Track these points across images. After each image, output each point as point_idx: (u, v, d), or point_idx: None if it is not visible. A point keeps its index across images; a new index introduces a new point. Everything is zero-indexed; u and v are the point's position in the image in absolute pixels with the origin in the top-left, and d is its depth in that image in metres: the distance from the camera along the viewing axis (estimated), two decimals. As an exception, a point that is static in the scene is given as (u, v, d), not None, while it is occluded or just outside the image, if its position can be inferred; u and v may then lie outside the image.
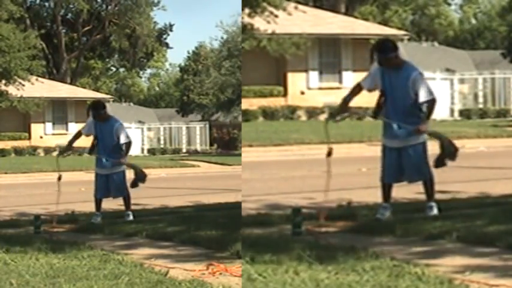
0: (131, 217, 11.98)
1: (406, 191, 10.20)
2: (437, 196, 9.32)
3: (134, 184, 12.09)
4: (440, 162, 8.95)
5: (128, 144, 12.25)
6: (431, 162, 8.96)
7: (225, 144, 49.59)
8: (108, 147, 12.14)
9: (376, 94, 9.30)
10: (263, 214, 9.89)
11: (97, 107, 12.33)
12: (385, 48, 8.91)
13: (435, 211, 9.01)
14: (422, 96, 8.82)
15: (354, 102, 9.50)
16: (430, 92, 8.86)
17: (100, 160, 12.26)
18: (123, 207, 12.49)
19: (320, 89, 35.90)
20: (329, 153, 9.22)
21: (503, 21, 57.23)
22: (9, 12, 38.50)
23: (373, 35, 38.24)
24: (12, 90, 38.58)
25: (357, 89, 9.35)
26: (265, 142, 25.13)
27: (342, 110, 9.31)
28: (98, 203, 12.25)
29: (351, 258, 6.37)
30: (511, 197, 10.65)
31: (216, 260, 7.30)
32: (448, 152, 8.90)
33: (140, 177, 12.08)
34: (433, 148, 9.15)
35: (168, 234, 9.41)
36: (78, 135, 12.75)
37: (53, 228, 11.23)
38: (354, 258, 6.38)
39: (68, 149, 12.85)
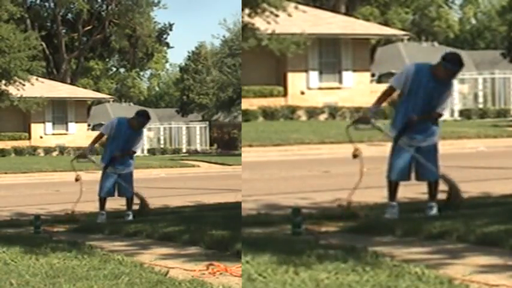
0: (131, 217, 11.99)
1: (406, 191, 10.19)
2: (438, 196, 9.32)
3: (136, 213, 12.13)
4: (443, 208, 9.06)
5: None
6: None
7: (225, 144, 49.59)
8: (124, 150, 12.18)
9: (376, 96, 9.30)
10: (263, 214, 9.89)
11: (144, 115, 12.19)
12: (456, 62, 8.84)
13: (435, 211, 9.03)
14: (443, 109, 8.97)
15: (355, 101, 9.54)
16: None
17: (107, 159, 12.26)
18: (123, 207, 12.50)
19: (320, 89, 35.89)
20: (355, 156, 9.20)
21: (503, 21, 57.20)
22: (10, 13, 38.50)
23: (373, 35, 38.27)
24: (12, 90, 38.60)
25: (389, 92, 9.23)
26: (265, 142, 25.12)
27: (366, 119, 9.23)
28: (103, 202, 12.26)
29: (351, 258, 6.37)
30: (511, 197, 10.65)
31: (216, 260, 7.30)
32: (454, 202, 9.01)
33: (142, 211, 12.09)
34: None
35: (168, 234, 9.41)
36: (99, 137, 12.69)
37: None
38: (354, 258, 6.38)
39: (85, 155, 12.76)
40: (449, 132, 26.07)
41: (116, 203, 12.58)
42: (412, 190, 9.99)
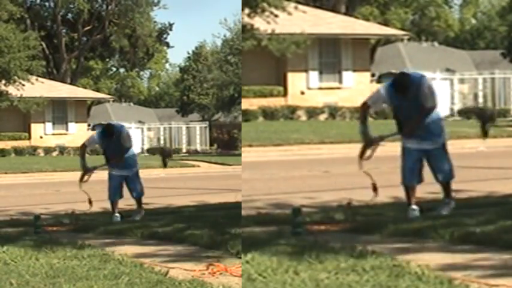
0: (138, 217, 11.97)
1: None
2: (437, 196, 9.33)
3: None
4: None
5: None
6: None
7: (225, 144, 49.59)
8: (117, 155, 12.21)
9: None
10: (263, 214, 9.90)
11: (109, 132, 12.22)
12: (403, 85, 8.91)
13: (447, 210, 9.08)
14: (430, 102, 8.90)
15: (355, 101, 9.53)
16: (434, 99, 8.97)
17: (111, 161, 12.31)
18: (124, 207, 12.50)
19: (320, 89, 35.88)
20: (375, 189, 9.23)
21: (503, 21, 57.20)
22: (9, 13, 38.48)
23: (373, 35, 38.24)
24: (12, 90, 38.58)
25: (365, 108, 9.31)
26: (265, 142, 25.12)
27: (368, 143, 9.20)
28: (113, 205, 12.23)
29: (351, 258, 6.37)
30: (511, 197, 10.65)
31: (216, 260, 7.30)
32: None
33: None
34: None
35: (168, 234, 9.42)
36: (84, 149, 12.73)
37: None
38: (354, 258, 6.38)
39: (87, 172, 12.72)
40: (449, 132, 26.00)
41: (121, 203, 12.56)
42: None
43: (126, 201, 12.49)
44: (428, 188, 9.54)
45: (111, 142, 12.13)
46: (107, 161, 12.33)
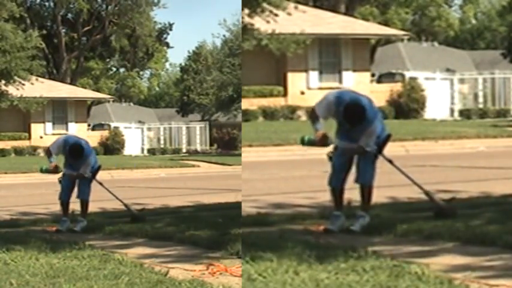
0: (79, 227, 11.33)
1: (406, 191, 10.20)
2: (438, 196, 9.32)
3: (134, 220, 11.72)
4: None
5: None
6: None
7: (225, 144, 49.59)
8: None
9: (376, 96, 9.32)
10: (263, 214, 9.90)
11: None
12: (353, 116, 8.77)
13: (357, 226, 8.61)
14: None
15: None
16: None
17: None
18: (123, 207, 12.48)
19: (320, 89, 35.83)
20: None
21: (503, 21, 57.20)
22: (10, 12, 38.47)
23: (373, 35, 38.26)
24: (12, 90, 38.57)
25: (313, 115, 9.30)
26: (265, 142, 25.11)
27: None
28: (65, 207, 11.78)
29: (351, 258, 6.37)
30: (511, 197, 10.65)
31: (216, 260, 7.30)
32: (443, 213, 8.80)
33: (136, 217, 11.58)
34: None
35: (168, 234, 9.42)
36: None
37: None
38: (354, 258, 6.38)
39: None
40: (449, 132, 26.09)
41: (116, 202, 12.56)
42: (412, 190, 9.99)
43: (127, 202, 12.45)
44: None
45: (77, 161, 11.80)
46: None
